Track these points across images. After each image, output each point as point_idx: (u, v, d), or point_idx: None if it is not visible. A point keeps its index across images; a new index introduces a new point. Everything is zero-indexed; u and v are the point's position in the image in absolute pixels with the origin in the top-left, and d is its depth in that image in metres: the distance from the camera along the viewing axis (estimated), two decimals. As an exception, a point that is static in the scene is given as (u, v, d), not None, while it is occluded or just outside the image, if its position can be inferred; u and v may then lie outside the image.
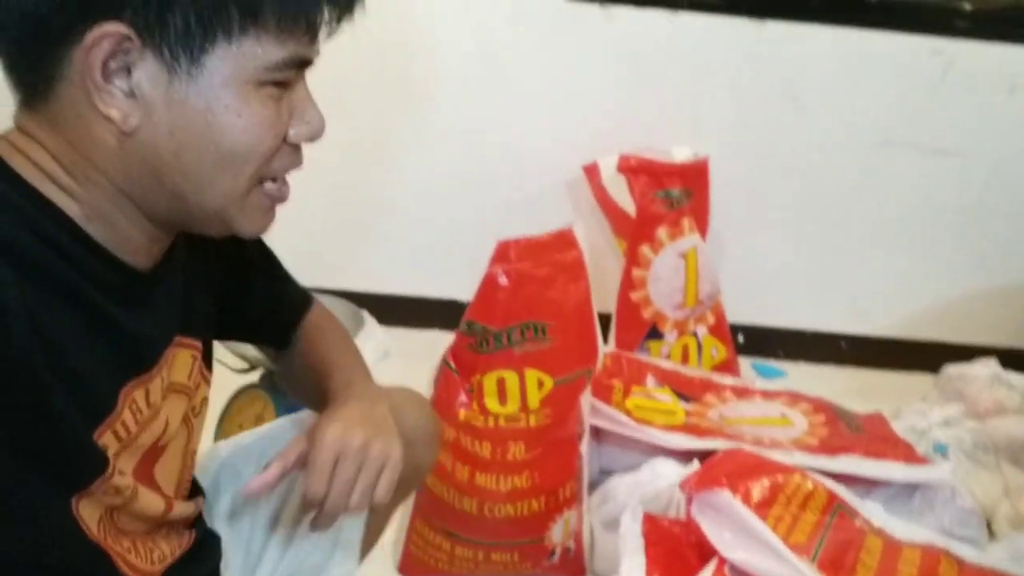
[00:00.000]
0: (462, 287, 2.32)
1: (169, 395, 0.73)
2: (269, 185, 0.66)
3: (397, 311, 2.24)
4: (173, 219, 0.66)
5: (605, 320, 1.99)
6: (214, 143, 0.61)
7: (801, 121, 2.14)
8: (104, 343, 0.63)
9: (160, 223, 0.66)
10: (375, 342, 1.47)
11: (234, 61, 0.60)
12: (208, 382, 0.82)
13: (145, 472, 0.72)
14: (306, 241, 1.80)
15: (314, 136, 0.67)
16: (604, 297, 1.98)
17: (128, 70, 0.59)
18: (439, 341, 2.27)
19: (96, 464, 0.63)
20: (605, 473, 1.70)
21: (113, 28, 0.57)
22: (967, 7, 2.09)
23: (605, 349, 1.63)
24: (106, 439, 0.63)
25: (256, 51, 0.60)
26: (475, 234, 2.26)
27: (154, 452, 0.73)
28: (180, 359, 0.74)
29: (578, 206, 2.21)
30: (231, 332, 0.92)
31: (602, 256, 2.15)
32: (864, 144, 2.16)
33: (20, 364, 0.55)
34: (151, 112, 0.60)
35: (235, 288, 0.85)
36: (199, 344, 0.78)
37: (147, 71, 0.59)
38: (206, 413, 0.83)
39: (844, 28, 2.06)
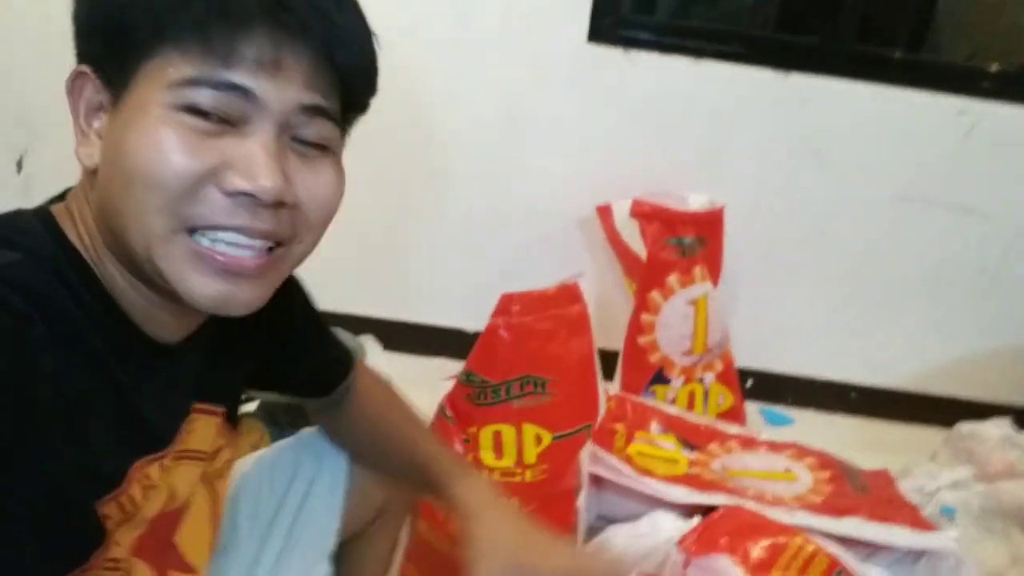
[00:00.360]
0: (468, 318, 2.35)
1: (179, 463, 0.72)
2: (200, 238, 0.58)
3: (402, 337, 2.25)
4: (151, 281, 0.62)
5: (612, 358, 1.99)
6: (121, 168, 0.57)
7: (821, 173, 2.12)
8: (120, 421, 0.62)
9: (156, 291, 0.63)
10: (376, 367, 1.47)
11: (148, 82, 0.56)
12: (232, 444, 0.81)
13: (159, 543, 0.71)
14: (316, 263, 1.80)
15: (249, 190, 0.56)
16: (613, 336, 1.98)
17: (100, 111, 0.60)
18: (443, 369, 2.30)
19: (95, 535, 0.62)
20: (604, 519, 1.68)
21: (81, 67, 0.60)
22: (993, 68, 2.07)
23: (610, 390, 1.62)
24: (108, 509, 0.63)
25: (166, 70, 0.56)
26: (486, 267, 2.28)
27: (167, 520, 0.72)
28: (199, 426, 0.74)
29: (590, 246, 2.21)
30: (271, 387, 0.92)
31: (612, 296, 2.15)
32: (884, 199, 2.14)
33: (41, 428, 0.54)
34: (104, 147, 0.59)
35: (280, 350, 0.85)
36: (221, 409, 0.77)
37: (96, 110, 0.60)
38: (229, 476, 0.83)
39: (869, 83, 2.04)
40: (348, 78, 0.61)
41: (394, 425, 0.95)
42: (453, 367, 2.28)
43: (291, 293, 0.87)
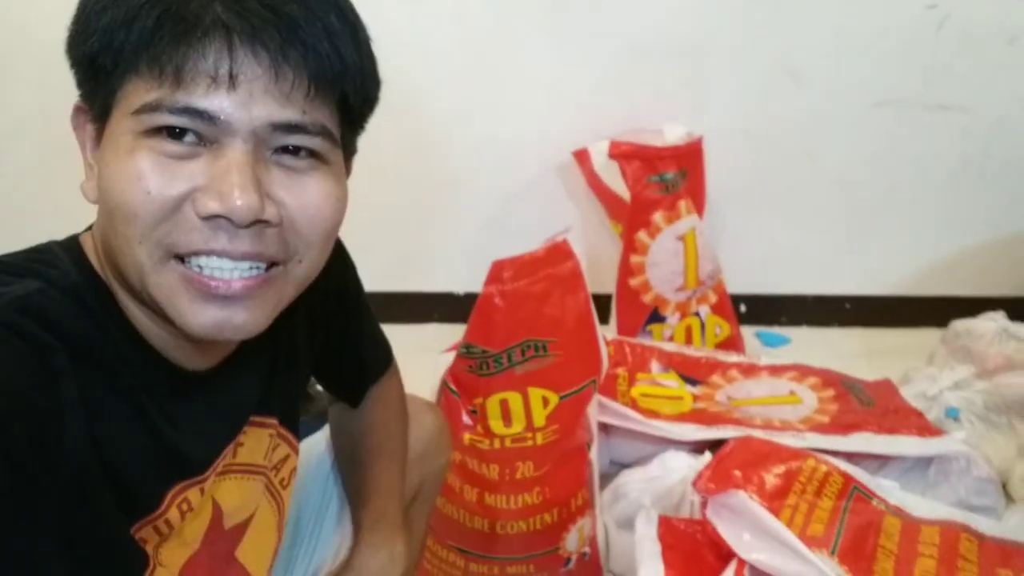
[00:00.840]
0: (458, 280, 2.32)
1: (240, 478, 0.72)
2: (181, 266, 0.56)
3: (394, 307, 2.22)
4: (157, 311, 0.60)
5: (606, 302, 1.98)
6: (104, 201, 0.56)
7: (797, 89, 2.08)
8: (149, 448, 0.61)
9: (165, 320, 0.61)
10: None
11: (118, 112, 0.55)
12: (295, 450, 0.81)
13: (218, 560, 0.71)
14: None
15: (222, 212, 0.53)
16: (603, 281, 1.96)
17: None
18: (436, 334, 2.28)
19: (137, 561, 0.61)
20: (615, 464, 1.69)
21: (78, 102, 0.59)
22: None
23: (607, 335, 1.61)
24: (144, 533, 0.62)
25: (130, 98, 0.54)
26: (468, 226, 2.25)
27: (226, 538, 0.72)
28: (250, 440, 0.73)
29: (571, 191, 2.18)
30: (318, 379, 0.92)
31: (599, 240, 2.12)
32: (862, 105, 2.11)
33: (71, 454, 0.53)
34: (97, 181, 0.58)
35: (333, 353, 0.86)
36: (275, 420, 0.76)
37: (93, 136, 0.59)
38: (294, 483, 0.82)
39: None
40: (326, 84, 0.56)
41: (370, 450, 0.95)
42: (446, 331, 2.28)
43: (358, 301, 0.88)
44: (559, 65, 2.06)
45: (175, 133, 0.53)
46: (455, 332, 2.25)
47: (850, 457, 1.52)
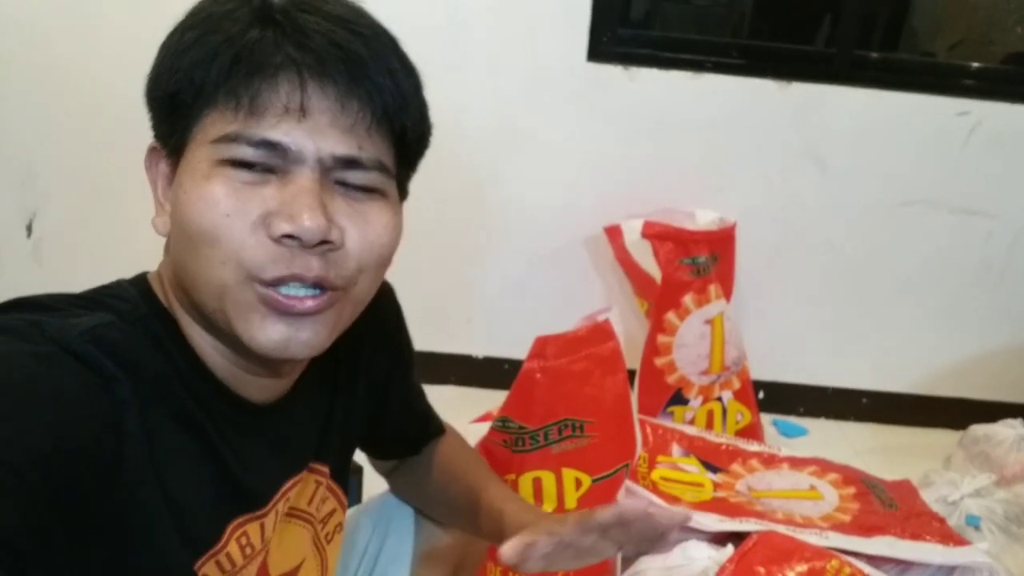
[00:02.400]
0: (476, 343, 2.31)
1: (289, 522, 0.73)
2: (260, 288, 0.58)
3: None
4: (224, 335, 0.62)
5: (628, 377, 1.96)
6: (181, 228, 0.59)
7: (825, 181, 2.11)
8: (213, 477, 0.63)
9: (231, 346, 0.63)
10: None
11: (195, 144, 0.58)
12: (343, 505, 0.81)
13: None
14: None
15: (292, 232, 0.57)
16: (626, 357, 1.96)
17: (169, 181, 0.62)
18: (455, 397, 2.27)
19: None
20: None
21: (153, 143, 0.62)
22: (975, 66, 2.08)
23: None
24: (208, 569, 0.63)
25: (208, 130, 0.58)
26: (490, 290, 2.25)
27: None
28: (302, 486, 0.73)
29: (597, 265, 2.19)
30: (367, 446, 0.92)
31: (623, 316, 2.12)
32: (889, 204, 2.13)
33: (129, 486, 0.55)
34: (171, 212, 0.61)
35: (393, 401, 0.87)
36: (326, 468, 0.77)
37: (166, 174, 0.62)
38: (340, 538, 0.82)
39: (868, 89, 2.04)
40: (386, 120, 0.60)
41: (467, 475, 0.94)
42: (465, 395, 2.26)
43: (408, 348, 0.89)
44: (590, 139, 2.09)
45: (249, 164, 0.57)
46: (472, 396, 2.25)
47: (871, 560, 1.49)
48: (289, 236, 0.57)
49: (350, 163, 0.59)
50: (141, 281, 0.65)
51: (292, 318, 0.59)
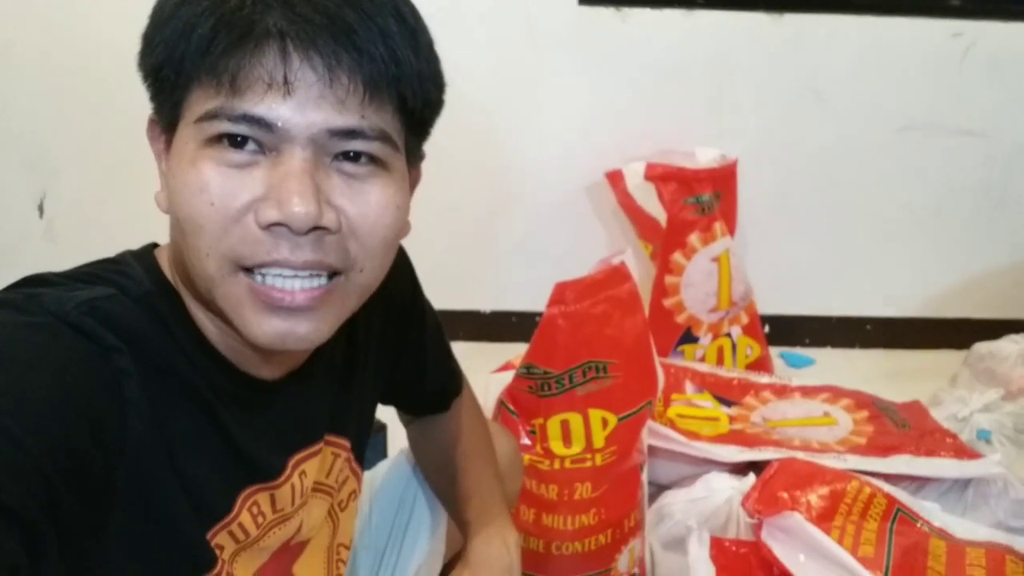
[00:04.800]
0: (483, 298, 2.33)
1: (314, 496, 0.72)
2: (246, 277, 0.56)
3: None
4: (229, 323, 0.60)
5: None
6: (173, 210, 0.57)
7: (822, 112, 2.12)
8: (220, 450, 0.62)
9: (233, 329, 0.61)
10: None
11: (185, 120, 0.55)
12: (358, 476, 0.81)
13: (279, 573, 0.72)
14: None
15: (281, 220, 0.53)
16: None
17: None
18: (465, 352, 2.27)
19: (205, 562, 0.61)
20: (653, 485, 1.70)
21: (151, 114, 0.59)
22: None
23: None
24: (220, 539, 0.63)
25: (194, 107, 0.54)
26: (495, 245, 2.26)
27: (289, 552, 0.72)
28: (320, 458, 0.73)
29: (599, 212, 2.19)
30: (390, 401, 0.92)
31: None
32: (886, 130, 2.14)
33: (135, 455, 0.54)
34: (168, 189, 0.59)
35: (408, 366, 0.86)
36: (347, 442, 0.77)
37: (165, 149, 0.59)
38: (355, 506, 0.82)
39: (861, 16, 2.03)
40: (383, 87, 0.55)
41: (464, 455, 0.95)
42: (474, 349, 2.28)
43: (421, 309, 0.86)
44: (587, 85, 2.08)
45: (236, 141, 0.54)
46: (483, 350, 2.26)
47: (888, 479, 1.53)
48: (278, 224, 0.53)
49: (350, 134, 0.55)
50: (147, 255, 0.63)
51: (287, 312, 0.56)
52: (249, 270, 0.55)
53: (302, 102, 0.53)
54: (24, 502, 0.44)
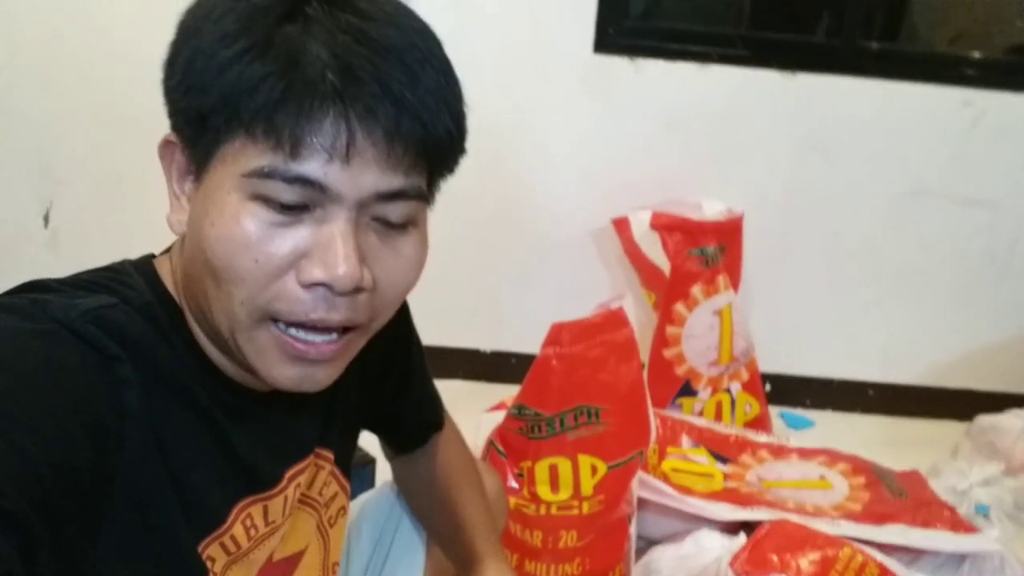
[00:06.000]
0: (485, 338, 2.31)
1: (300, 509, 0.73)
2: (275, 329, 0.57)
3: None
4: (232, 354, 0.61)
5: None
6: (201, 252, 0.56)
7: (830, 172, 2.12)
8: (220, 459, 0.62)
9: (238, 362, 0.62)
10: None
11: (224, 167, 0.55)
12: (346, 491, 0.81)
13: None
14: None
15: (326, 281, 0.54)
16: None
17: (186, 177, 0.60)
18: (464, 391, 2.26)
19: (196, 575, 0.61)
20: (642, 539, 1.66)
21: (170, 136, 0.59)
22: (977, 56, 2.09)
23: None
24: (212, 551, 0.62)
25: (239, 158, 0.54)
26: (497, 283, 2.25)
27: (280, 567, 0.72)
28: (310, 472, 0.73)
29: (604, 258, 2.19)
30: (371, 424, 0.91)
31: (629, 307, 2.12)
32: (893, 194, 2.14)
33: (133, 464, 0.54)
34: (189, 220, 0.59)
35: (391, 392, 0.85)
36: (330, 454, 0.77)
37: (185, 175, 0.59)
38: (343, 524, 0.82)
39: (873, 79, 2.04)
40: (429, 149, 0.57)
41: (454, 487, 0.94)
42: (473, 389, 2.26)
43: (408, 337, 0.87)
44: (597, 132, 2.09)
45: (280, 202, 0.54)
46: (480, 390, 2.24)
47: (882, 548, 1.49)
48: (321, 284, 0.54)
49: (394, 196, 0.56)
50: (146, 265, 0.63)
51: (309, 361, 0.58)
52: (275, 320, 0.57)
53: (358, 166, 0.54)
54: (21, 507, 0.44)
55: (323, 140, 0.52)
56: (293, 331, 0.57)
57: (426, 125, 0.55)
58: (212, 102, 0.53)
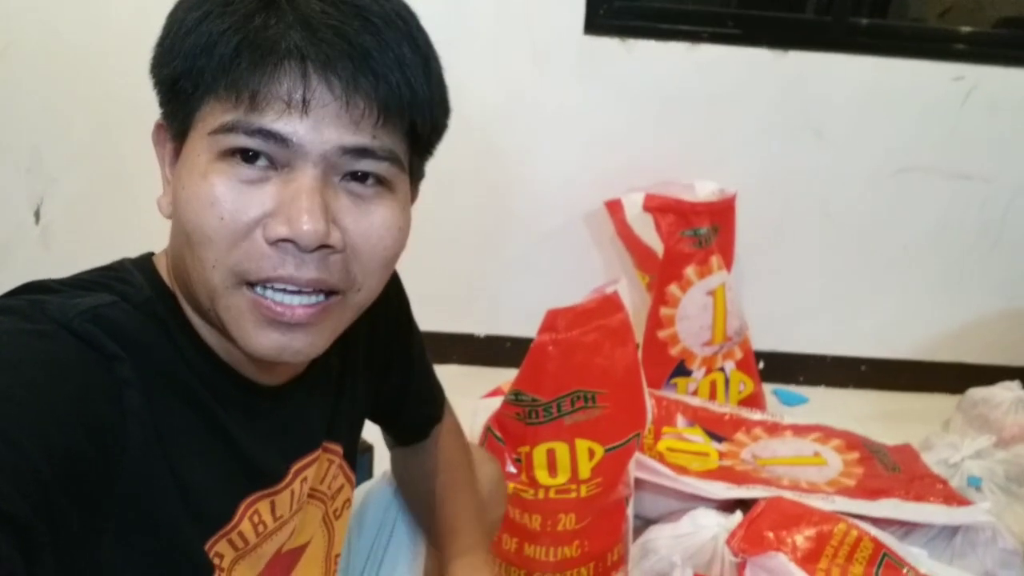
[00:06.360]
0: (479, 322, 2.32)
1: (308, 503, 0.73)
2: (248, 292, 0.56)
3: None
4: (225, 333, 0.60)
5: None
6: (178, 221, 0.57)
7: (822, 150, 2.12)
8: (224, 457, 0.62)
9: (229, 339, 0.61)
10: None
11: (195, 134, 0.56)
12: (351, 482, 0.81)
13: None
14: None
15: (290, 236, 0.54)
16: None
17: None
18: (459, 376, 2.27)
19: (203, 572, 0.61)
20: (639, 519, 1.68)
21: (159, 120, 0.60)
22: (967, 31, 2.09)
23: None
24: (220, 547, 0.62)
25: (208, 118, 0.55)
26: (491, 268, 2.25)
27: (284, 560, 0.72)
28: (317, 465, 0.73)
29: (597, 240, 2.19)
30: (374, 415, 0.91)
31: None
32: (887, 171, 2.14)
33: (134, 464, 0.54)
34: (172, 199, 0.59)
35: (392, 384, 0.86)
36: (339, 448, 0.77)
37: (173, 156, 0.60)
38: (348, 515, 0.82)
39: (863, 56, 2.04)
40: (397, 111, 0.57)
41: (448, 483, 0.95)
42: (468, 373, 2.27)
43: (408, 328, 0.87)
44: (589, 113, 2.09)
45: (248, 156, 0.55)
46: (475, 374, 2.25)
47: (876, 522, 1.51)
48: (286, 240, 0.54)
49: (361, 152, 0.56)
50: (145, 262, 0.64)
51: (285, 326, 0.57)
52: (252, 285, 0.56)
53: (318, 121, 0.54)
54: (22, 509, 0.44)
55: (280, 91, 0.53)
56: (269, 293, 0.56)
57: (391, 86, 0.56)
58: (180, 66, 0.55)
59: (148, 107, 0.62)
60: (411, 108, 0.57)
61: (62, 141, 2.11)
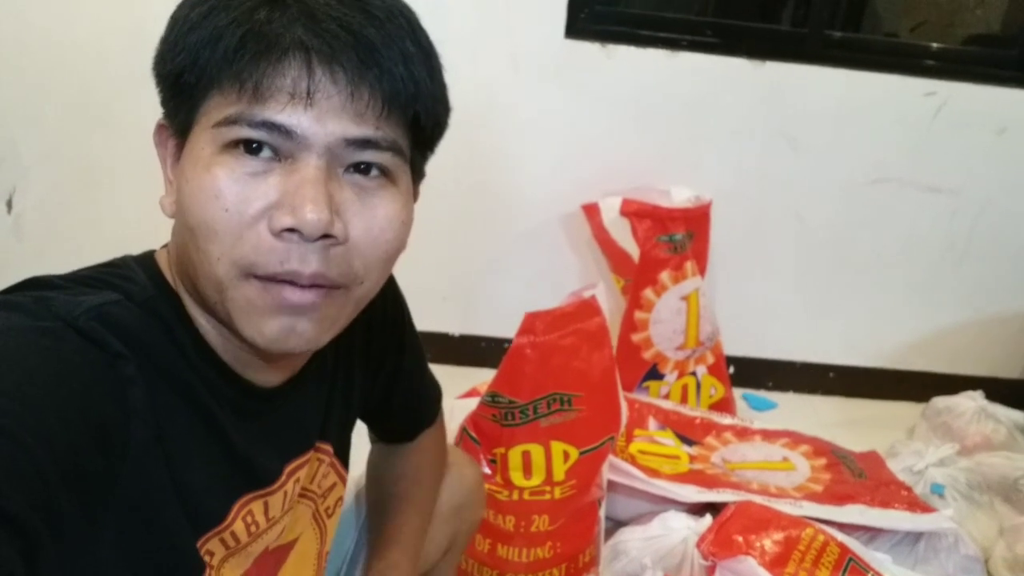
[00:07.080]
0: (453, 321, 2.32)
1: (298, 502, 0.73)
2: (257, 282, 0.56)
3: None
4: (229, 328, 0.61)
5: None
6: (182, 216, 0.57)
7: (797, 160, 2.15)
8: (220, 457, 0.62)
9: (235, 335, 0.61)
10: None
11: (199, 128, 0.56)
12: (343, 480, 0.81)
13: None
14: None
15: (294, 225, 0.54)
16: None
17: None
18: (436, 376, 2.26)
19: (194, 569, 0.62)
20: (610, 521, 1.69)
21: (161, 119, 0.60)
22: (939, 47, 2.13)
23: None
24: (211, 545, 0.63)
25: (212, 112, 0.55)
26: (467, 269, 2.26)
27: (271, 557, 0.72)
28: (310, 465, 0.74)
29: (573, 243, 2.20)
30: (363, 415, 0.91)
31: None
32: (859, 182, 2.18)
33: (136, 462, 0.54)
34: (175, 196, 0.60)
35: (384, 386, 0.86)
36: (330, 447, 0.77)
37: (175, 155, 0.60)
38: (339, 513, 0.83)
39: (839, 68, 2.07)
40: (402, 105, 0.57)
41: (410, 493, 0.95)
42: (443, 372, 2.24)
43: (405, 332, 0.87)
44: (568, 117, 2.09)
45: (252, 148, 0.55)
46: (450, 373, 2.24)
47: (842, 527, 1.54)
48: (290, 230, 0.54)
49: (364, 143, 0.56)
50: (148, 259, 0.64)
51: (291, 310, 0.57)
52: (258, 278, 0.56)
53: (322, 112, 0.54)
54: (24, 509, 0.44)
55: (285, 82, 0.54)
56: (258, 282, 0.56)
57: (395, 78, 0.56)
58: (184, 60, 0.55)
59: (123, 99, 0.62)
60: (415, 101, 0.58)
61: (36, 131, 2.08)
